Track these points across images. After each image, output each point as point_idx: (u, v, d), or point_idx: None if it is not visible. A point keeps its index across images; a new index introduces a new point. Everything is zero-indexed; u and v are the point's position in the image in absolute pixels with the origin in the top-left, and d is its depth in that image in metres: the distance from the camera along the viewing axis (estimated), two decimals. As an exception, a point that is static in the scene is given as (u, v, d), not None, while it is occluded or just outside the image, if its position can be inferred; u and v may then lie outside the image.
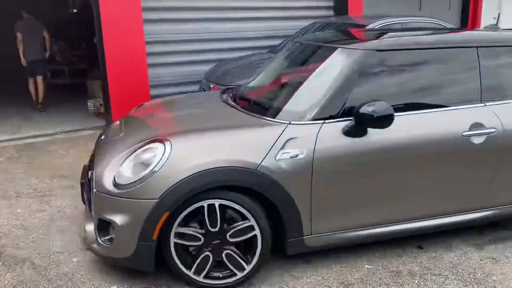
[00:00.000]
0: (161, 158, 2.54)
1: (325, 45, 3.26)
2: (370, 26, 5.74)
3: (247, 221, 2.64)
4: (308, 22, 6.88)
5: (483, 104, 3.02)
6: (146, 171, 2.54)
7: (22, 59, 7.55)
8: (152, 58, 6.44)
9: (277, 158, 2.61)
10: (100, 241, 2.68)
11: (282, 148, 2.62)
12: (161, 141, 2.65)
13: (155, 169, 2.52)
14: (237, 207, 2.60)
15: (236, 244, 2.68)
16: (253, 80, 3.74)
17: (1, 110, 7.72)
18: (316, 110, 2.75)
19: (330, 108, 2.75)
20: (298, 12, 7.57)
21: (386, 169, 2.83)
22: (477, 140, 2.94)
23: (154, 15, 6.41)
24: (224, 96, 3.55)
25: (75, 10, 12.97)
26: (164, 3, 6.49)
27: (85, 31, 9.44)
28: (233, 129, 2.79)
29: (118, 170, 2.64)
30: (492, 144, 2.98)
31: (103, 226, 2.66)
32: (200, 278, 2.67)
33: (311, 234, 2.81)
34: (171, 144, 2.60)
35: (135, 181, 2.54)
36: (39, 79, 7.66)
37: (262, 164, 2.58)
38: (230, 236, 2.64)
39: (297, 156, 2.63)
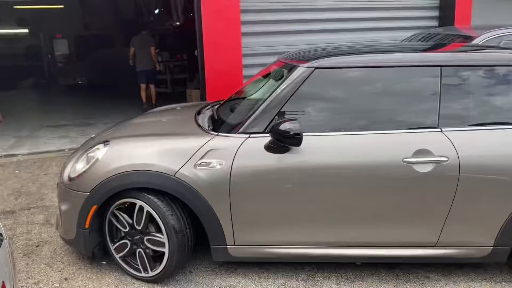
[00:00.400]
0: (98, 158, 2.85)
1: (283, 61, 3.14)
2: (478, 39, 5.32)
3: (162, 237, 2.79)
4: (411, 33, 6.59)
5: (439, 130, 2.67)
6: (85, 168, 2.87)
7: (131, 62, 8.78)
8: (247, 70, 6.57)
9: (196, 166, 2.69)
10: (60, 224, 3.09)
11: (202, 157, 2.69)
12: (104, 143, 2.94)
13: (91, 166, 2.83)
14: (149, 208, 2.76)
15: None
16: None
17: (110, 114, 8.40)
18: (244, 124, 2.75)
19: (258, 123, 2.72)
20: (401, 23, 7.30)
21: (310, 190, 2.68)
22: (422, 169, 2.61)
23: (251, 28, 6.56)
24: (204, 107, 3.67)
25: (178, 23, 13.71)
26: (262, 16, 6.62)
27: (186, 43, 9.96)
28: (168, 137, 2.97)
29: (73, 165, 2.98)
30: (443, 175, 2.61)
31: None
32: (117, 256, 2.98)
33: (235, 244, 2.81)
34: (108, 146, 2.88)
35: (78, 176, 2.88)
36: (152, 86, 8.94)
37: (180, 171, 2.69)
38: (147, 240, 2.86)
39: (214, 166, 2.68)
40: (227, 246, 2.83)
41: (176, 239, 2.76)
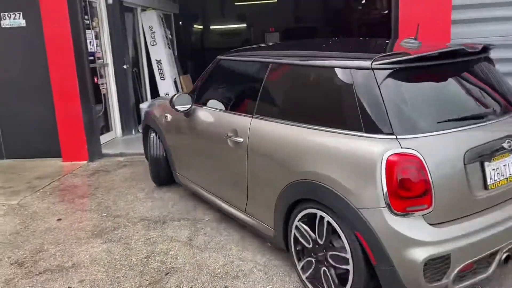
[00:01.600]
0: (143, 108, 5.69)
1: None
2: None
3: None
4: None
5: (251, 116, 3.03)
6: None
7: None
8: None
9: (163, 118, 4.24)
10: None
11: (167, 113, 4.15)
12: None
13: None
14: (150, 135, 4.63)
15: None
16: None
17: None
18: None
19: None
20: None
21: (191, 146, 3.87)
22: (231, 144, 3.16)
23: (465, 15, 5.07)
24: None
25: (386, 12, 12.59)
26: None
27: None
28: (166, 100, 4.46)
29: None
30: (239, 153, 3.08)
31: None
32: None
33: (177, 173, 4.25)
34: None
35: None
36: None
37: (159, 118, 4.35)
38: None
39: (168, 118, 4.15)
40: (176, 173, 4.27)
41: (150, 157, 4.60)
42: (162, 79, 8.19)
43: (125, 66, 7.20)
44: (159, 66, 8.14)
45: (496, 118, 2.47)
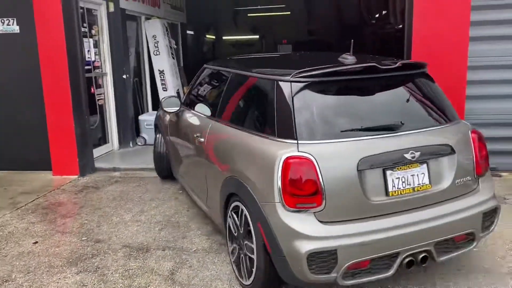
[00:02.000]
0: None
1: None
2: None
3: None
4: None
5: (215, 117, 3.42)
6: None
7: None
8: (473, 88, 4.77)
9: (164, 116, 4.75)
10: None
11: (169, 114, 4.46)
12: None
13: None
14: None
15: None
16: None
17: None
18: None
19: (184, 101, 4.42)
20: None
21: (179, 144, 4.23)
22: (197, 143, 3.56)
23: (485, 31, 4.71)
24: None
25: (400, 26, 12.27)
26: (502, 14, 4.69)
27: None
28: None
29: None
30: (202, 151, 3.50)
31: None
32: None
33: (174, 168, 4.67)
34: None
35: None
36: None
37: (162, 118, 4.86)
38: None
39: (166, 119, 4.68)
40: (173, 168, 4.70)
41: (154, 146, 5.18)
42: (164, 90, 7.90)
43: (125, 76, 6.92)
44: (162, 76, 7.86)
45: (404, 130, 2.60)
